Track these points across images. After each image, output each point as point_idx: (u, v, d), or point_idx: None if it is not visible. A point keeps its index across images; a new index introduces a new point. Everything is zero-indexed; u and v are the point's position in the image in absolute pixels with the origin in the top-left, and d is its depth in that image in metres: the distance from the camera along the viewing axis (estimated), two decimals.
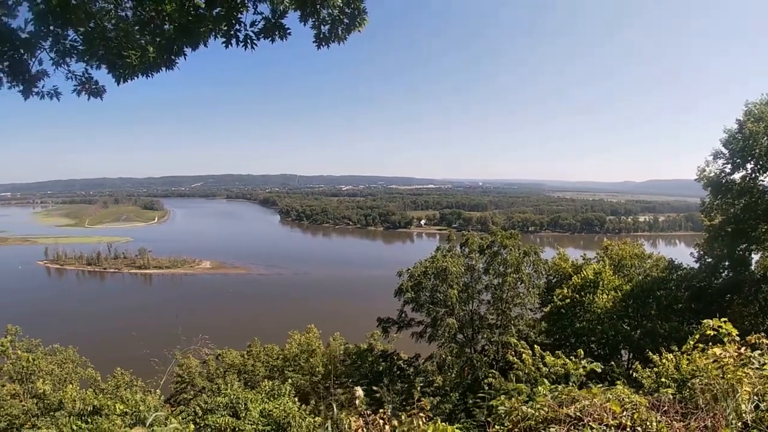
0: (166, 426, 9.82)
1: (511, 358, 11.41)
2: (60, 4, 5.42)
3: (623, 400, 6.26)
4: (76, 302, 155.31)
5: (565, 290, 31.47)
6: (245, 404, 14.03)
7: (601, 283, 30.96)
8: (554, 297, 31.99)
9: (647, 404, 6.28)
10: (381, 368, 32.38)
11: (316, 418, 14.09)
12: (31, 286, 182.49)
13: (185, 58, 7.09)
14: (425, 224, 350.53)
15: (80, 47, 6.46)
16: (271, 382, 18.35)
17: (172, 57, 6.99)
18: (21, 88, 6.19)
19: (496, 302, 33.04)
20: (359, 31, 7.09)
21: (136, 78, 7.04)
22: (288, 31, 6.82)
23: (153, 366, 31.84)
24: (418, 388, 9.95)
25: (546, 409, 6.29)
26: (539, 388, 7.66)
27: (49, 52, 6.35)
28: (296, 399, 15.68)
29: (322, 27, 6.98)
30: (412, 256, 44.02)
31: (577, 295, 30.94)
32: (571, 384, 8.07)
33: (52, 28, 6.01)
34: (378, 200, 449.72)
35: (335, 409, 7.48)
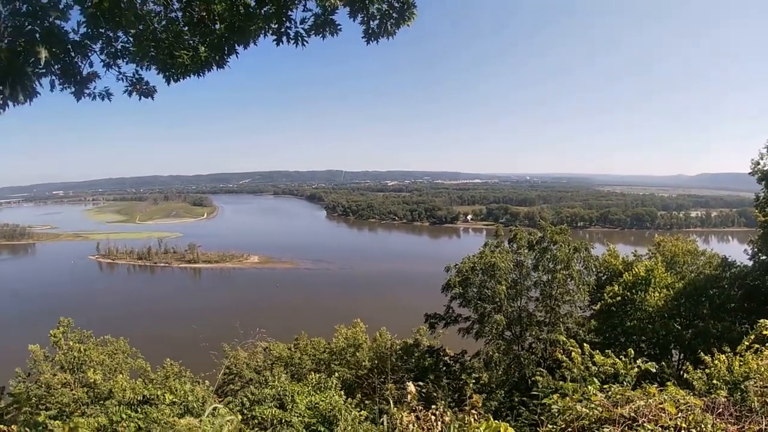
0: (215, 418, 10.01)
1: (559, 356, 11.22)
2: (111, 6, 5.52)
3: (678, 401, 6.11)
4: (128, 295, 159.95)
5: (616, 288, 30.71)
6: (292, 396, 14.14)
7: (652, 280, 30.15)
8: (605, 294, 31.31)
9: (702, 406, 6.12)
10: (427, 364, 32.26)
11: (362, 412, 14.14)
12: (83, 279, 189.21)
13: (237, 57, 7.21)
14: (472, 219, 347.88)
15: (131, 49, 6.59)
16: (317, 375, 18.45)
17: (224, 56, 7.10)
18: (73, 89, 6.33)
19: (545, 299, 32.55)
20: (408, 25, 7.02)
21: (187, 78, 7.16)
22: (338, 26, 6.86)
23: (204, 357, 32.70)
24: (471, 385, 9.86)
25: (600, 408, 6.18)
26: (589, 387, 7.53)
27: (100, 55, 6.49)
28: (342, 392, 15.74)
29: (371, 22, 6.96)
30: (459, 252, 43.73)
31: (628, 293, 30.12)
32: (624, 384, 7.91)
33: (103, 30, 6.14)
34: (424, 195, 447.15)
35: (391, 404, 7.49)
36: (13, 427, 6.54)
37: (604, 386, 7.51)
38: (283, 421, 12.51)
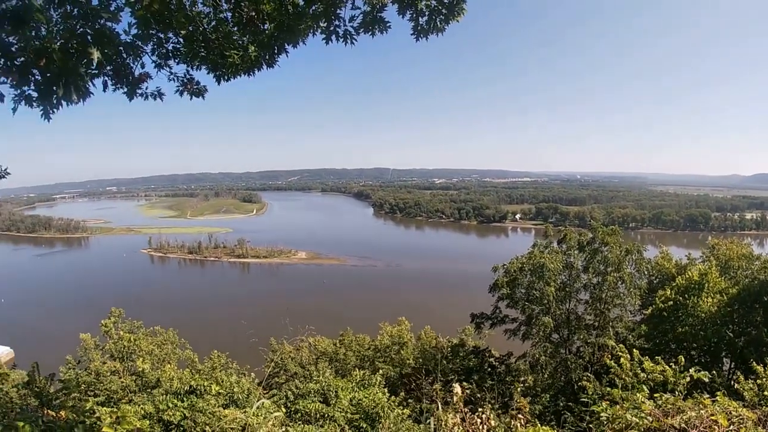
0: (260, 410, 10.15)
1: (607, 361, 10.95)
2: (161, 8, 5.62)
3: (730, 413, 5.92)
4: (178, 288, 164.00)
5: (668, 292, 29.86)
6: (336, 392, 14.21)
7: (706, 285, 29.19)
8: (656, 299, 30.48)
9: (755, 419, 5.92)
10: (472, 364, 32.03)
11: (404, 410, 14.13)
12: (135, 272, 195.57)
13: (287, 56, 7.26)
14: (520, 219, 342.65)
15: (182, 50, 6.71)
16: (361, 372, 18.53)
17: (274, 55, 7.16)
18: (125, 90, 6.46)
19: (595, 302, 31.76)
20: (457, 21, 6.90)
21: (237, 77, 7.26)
22: (388, 24, 6.81)
23: (250, 350, 33.22)
24: (519, 390, 9.71)
25: (650, 418, 6.04)
26: (637, 395, 7.35)
27: (151, 56, 6.62)
28: (386, 390, 15.77)
29: (420, 19, 6.86)
30: (507, 252, 43.32)
31: (680, 298, 29.24)
32: (676, 393, 7.70)
33: (153, 32, 6.27)
34: (472, 193, 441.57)
35: (439, 406, 7.46)
36: (61, 412, 6.76)
37: (655, 395, 7.33)
38: (327, 415, 12.58)
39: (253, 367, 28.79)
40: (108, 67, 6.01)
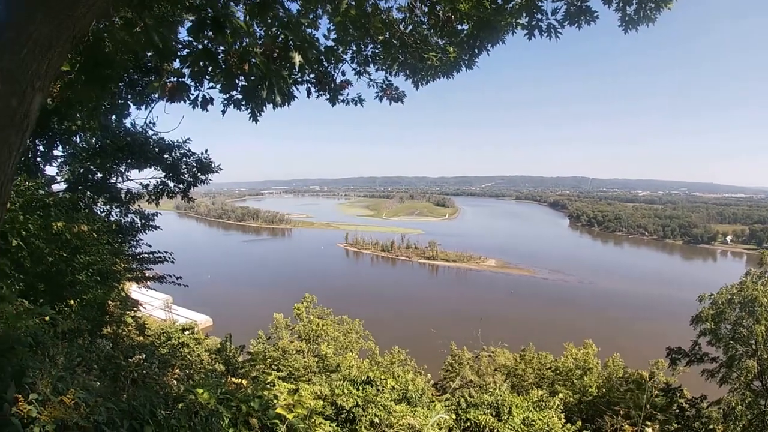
0: (430, 411, 10.24)
1: None
2: (358, 14, 5.85)
3: None
4: (371, 283, 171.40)
5: None
6: (510, 408, 13.90)
7: None
8: None
9: None
10: (658, 401, 29.48)
11: None
12: (331, 263, 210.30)
13: (488, 54, 7.23)
14: (731, 241, 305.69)
15: (380, 55, 6.94)
16: (539, 392, 17.96)
17: (473, 55, 7.15)
18: (328, 96, 6.89)
19: None
20: (669, 8, 6.40)
21: (435, 80, 7.35)
22: (595, 14, 6.51)
23: (429, 352, 33.79)
24: None
25: None
26: None
27: (351, 63, 6.95)
28: (562, 416, 15.13)
29: (627, 7, 6.48)
30: (709, 279, 39.47)
31: None
32: None
33: (351, 38, 6.55)
34: (678, 209, 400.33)
35: None
36: (243, 381, 7.32)
37: None
38: (496, 430, 12.37)
39: (430, 367, 29.26)
40: (310, 75, 6.42)
